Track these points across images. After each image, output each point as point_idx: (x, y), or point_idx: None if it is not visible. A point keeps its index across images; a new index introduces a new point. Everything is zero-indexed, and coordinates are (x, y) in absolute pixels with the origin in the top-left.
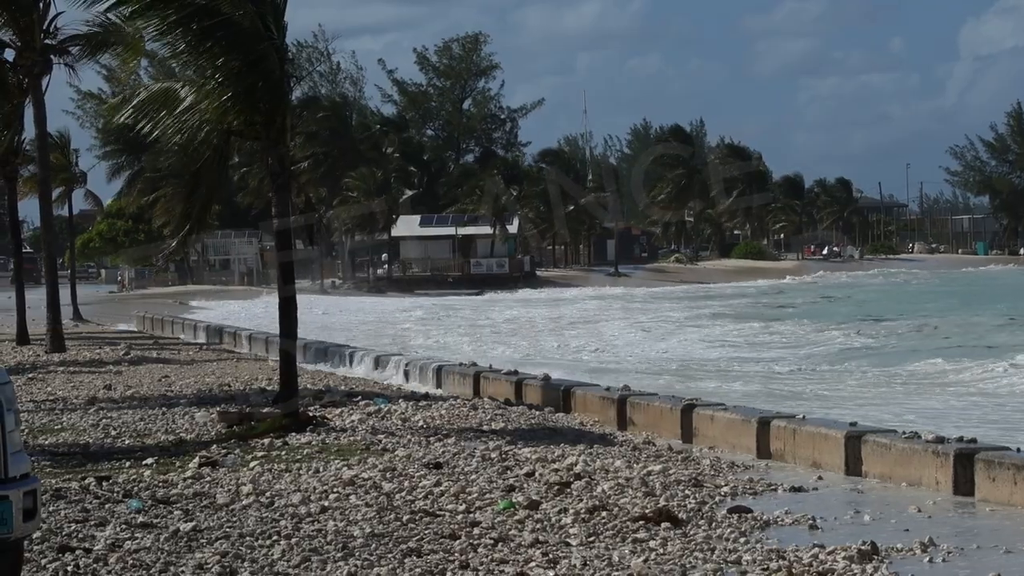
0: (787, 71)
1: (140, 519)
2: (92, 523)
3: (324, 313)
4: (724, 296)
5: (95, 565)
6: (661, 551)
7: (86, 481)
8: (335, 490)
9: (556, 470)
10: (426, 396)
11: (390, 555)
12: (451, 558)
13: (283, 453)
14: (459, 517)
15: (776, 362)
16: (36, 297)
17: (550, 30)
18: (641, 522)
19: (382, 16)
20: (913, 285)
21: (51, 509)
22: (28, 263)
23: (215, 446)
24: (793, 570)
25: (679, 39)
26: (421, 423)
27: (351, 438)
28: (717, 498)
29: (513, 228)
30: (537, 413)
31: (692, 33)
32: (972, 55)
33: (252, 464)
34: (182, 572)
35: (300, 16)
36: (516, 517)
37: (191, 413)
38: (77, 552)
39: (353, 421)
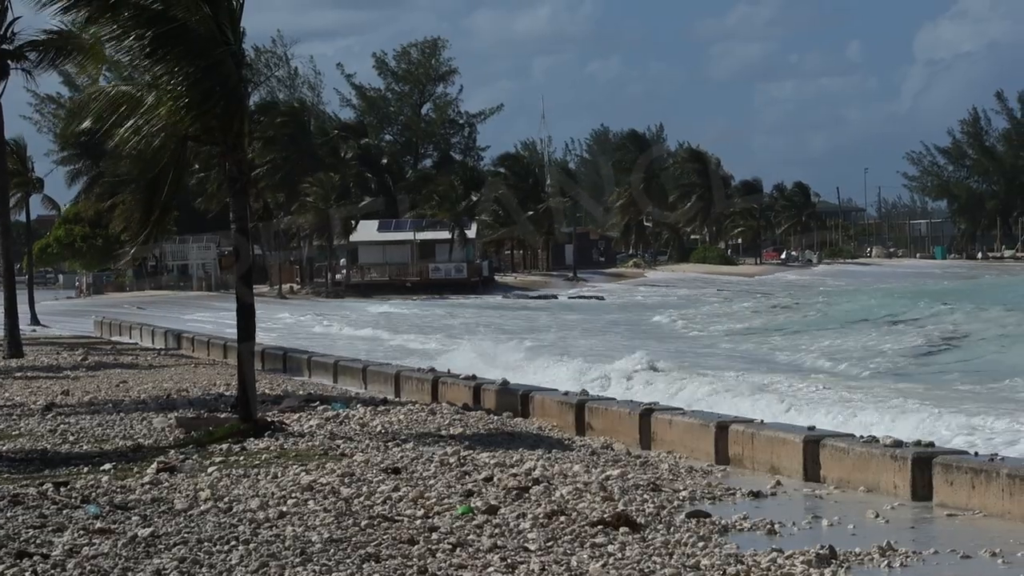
0: (744, 75)
1: (98, 525)
2: (50, 529)
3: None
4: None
5: (53, 571)
6: (620, 556)
7: (44, 487)
8: (293, 495)
9: (514, 475)
10: (384, 401)
11: (348, 560)
12: (409, 563)
13: (241, 458)
14: (417, 522)
15: None
16: None
17: (503, 35)
18: (600, 527)
19: (332, 21)
20: None
21: (8, 515)
22: None
23: (173, 451)
24: (751, 574)
25: (633, 44)
26: (379, 428)
27: (309, 443)
28: (675, 503)
29: (471, 233)
30: (495, 418)
31: (645, 37)
32: (927, 59)
33: (210, 469)
34: None
35: (250, 21)
36: (474, 522)
37: (149, 419)
38: (35, 558)
39: (311, 426)
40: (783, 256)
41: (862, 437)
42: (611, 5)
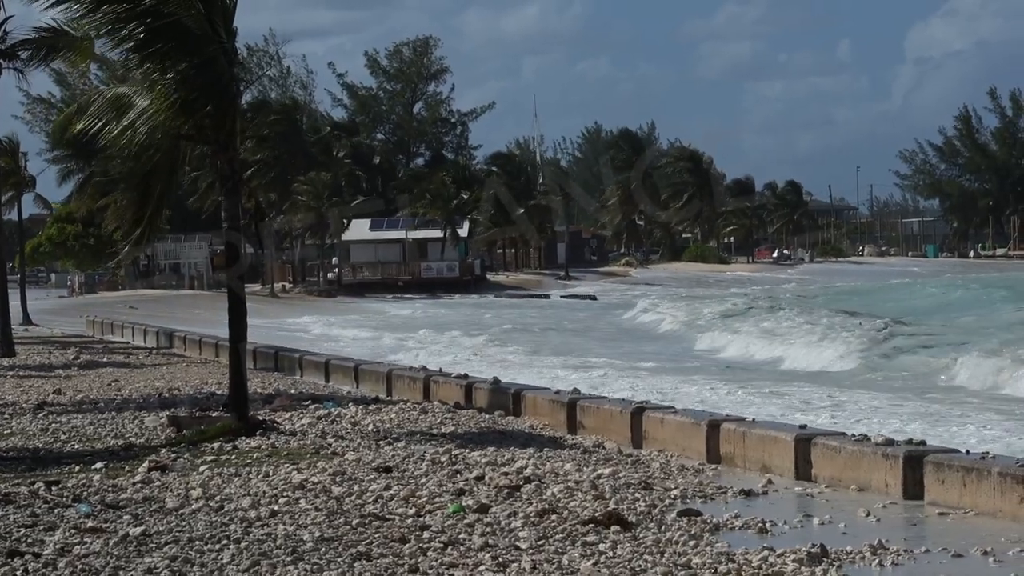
0: (733, 74)
1: (89, 524)
2: (41, 528)
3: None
4: None
5: (44, 570)
6: (611, 554)
7: (35, 486)
8: (285, 494)
9: (506, 473)
10: (376, 400)
11: (340, 559)
12: (401, 562)
13: (233, 457)
14: (409, 521)
15: None
16: None
17: (492, 34)
18: (591, 525)
19: (322, 20)
20: None
21: None
22: None
23: (164, 450)
24: (743, 573)
25: (622, 43)
26: (371, 427)
27: (301, 442)
28: (667, 501)
29: (463, 231)
30: (487, 416)
31: (635, 37)
32: (917, 57)
33: (202, 468)
34: None
35: (242, 20)
36: (466, 521)
37: (140, 417)
38: (26, 557)
39: (303, 425)
40: (775, 255)
41: (853, 435)
42: (600, 5)
